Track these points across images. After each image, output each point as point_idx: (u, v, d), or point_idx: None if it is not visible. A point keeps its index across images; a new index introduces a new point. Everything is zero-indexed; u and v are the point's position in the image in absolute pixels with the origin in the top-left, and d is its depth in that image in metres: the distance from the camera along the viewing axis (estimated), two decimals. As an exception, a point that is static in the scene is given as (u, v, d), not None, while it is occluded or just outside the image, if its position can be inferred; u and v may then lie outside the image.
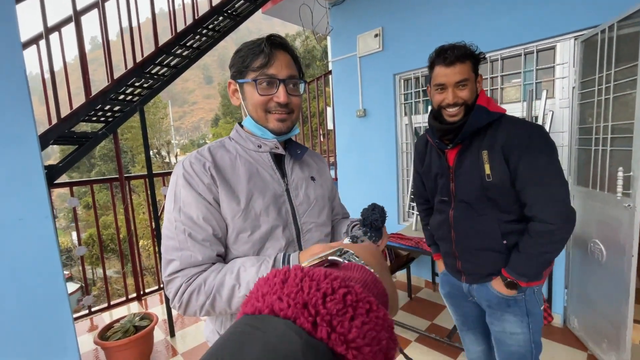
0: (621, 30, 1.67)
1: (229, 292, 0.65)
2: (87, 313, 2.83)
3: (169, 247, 0.69)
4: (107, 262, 14.48)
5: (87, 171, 24.34)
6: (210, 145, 0.79)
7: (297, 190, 0.81)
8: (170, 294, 0.68)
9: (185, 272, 0.67)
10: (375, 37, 3.03)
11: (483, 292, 1.19)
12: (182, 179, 0.71)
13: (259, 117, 0.76)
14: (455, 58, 1.02)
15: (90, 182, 2.78)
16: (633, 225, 1.59)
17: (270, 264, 0.67)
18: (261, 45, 0.72)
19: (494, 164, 1.06)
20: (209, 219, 0.70)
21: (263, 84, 0.72)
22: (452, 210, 1.18)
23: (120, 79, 2.21)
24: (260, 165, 0.79)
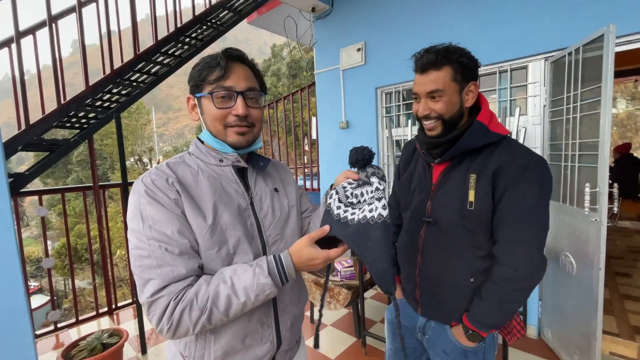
0: (587, 53, 1.76)
1: (226, 301, 0.64)
2: (53, 329, 2.67)
3: (145, 266, 0.64)
4: (82, 272, 13.84)
5: (63, 177, 23.41)
6: (168, 161, 0.76)
7: (261, 203, 0.80)
8: (154, 317, 0.63)
9: (171, 289, 0.63)
10: (358, 51, 3.09)
11: (440, 335, 1.03)
12: (146, 197, 0.67)
13: (217, 132, 0.75)
14: (429, 64, 0.89)
15: (62, 190, 2.66)
16: (600, 239, 1.65)
17: (265, 267, 0.67)
18: (217, 59, 0.71)
19: (480, 191, 0.90)
20: (184, 232, 0.67)
21: (220, 97, 0.71)
22: (424, 232, 1.02)
23: (96, 86, 2.15)
24: (224, 179, 0.77)
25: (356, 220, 0.70)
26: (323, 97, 3.53)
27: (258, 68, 0.79)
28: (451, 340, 1.00)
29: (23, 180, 2.01)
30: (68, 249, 2.77)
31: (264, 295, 0.67)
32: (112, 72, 2.23)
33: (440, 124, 0.92)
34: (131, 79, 2.44)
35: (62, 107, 2.04)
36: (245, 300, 0.65)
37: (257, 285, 0.65)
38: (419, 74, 0.92)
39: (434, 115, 0.92)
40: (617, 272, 3.16)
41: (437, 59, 0.88)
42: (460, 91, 0.91)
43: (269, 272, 0.67)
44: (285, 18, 3.64)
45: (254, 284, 0.65)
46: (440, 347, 1.03)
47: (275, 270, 0.68)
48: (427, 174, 1.04)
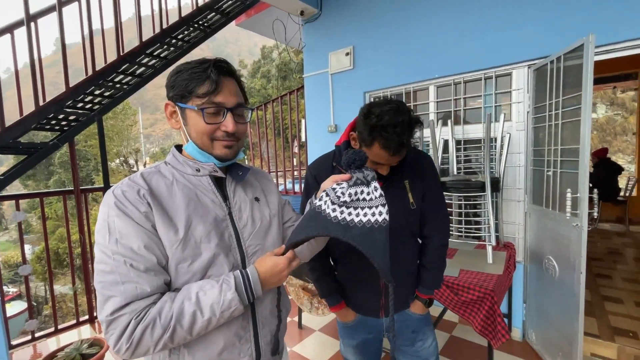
0: (567, 61, 1.81)
1: (190, 319, 0.62)
2: (31, 339, 2.57)
3: (106, 282, 0.62)
4: (64, 277, 13.41)
5: (45, 179, 22.70)
6: (144, 171, 0.75)
7: (240, 213, 0.79)
8: (113, 336, 0.60)
9: (132, 307, 0.61)
10: (347, 55, 3.10)
11: (406, 321, 1.20)
12: (115, 209, 0.65)
13: (203, 145, 0.73)
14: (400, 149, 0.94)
15: (40, 194, 2.57)
16: (581, 244, 1.69)
17: (232, 283, 0.66)
18: (207, 71, 0.69)
19: (415, 192, 1.11)
20: (152, 247, 0.65)
21: (210, 113, 0.70)
22: None
23: (76, 87, 2.09)
24: (200, 189, 0.75)
25: (356, 221, 0.71)
26: (312, 100, 3.53)
27: (242, 81, 0.80)
28: (415, 317, 1.20)
29: (-2, 185, 1.93)
30: (47, 255, 2.67)
31: (229, 312, 0.66)
32: (94, 73, 2.17)
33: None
34: (114, 80, 2.37)
35: (40, 109, 1.97)
36: (210, 316, 0.64)
37: (224, 301, 0.65)
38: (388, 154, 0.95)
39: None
40: (597, 274, 3.24)
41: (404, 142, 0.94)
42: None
43: (235, 287, 0.66)
44: (274, 21, 3.62)
45: (220, 300, 0.64)
46: (409, 330, 1.21)
47: (242, 286, 0.67)
48: None
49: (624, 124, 17.87)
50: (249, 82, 23.11)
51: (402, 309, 1.21)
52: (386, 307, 1.16)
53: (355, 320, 1.24)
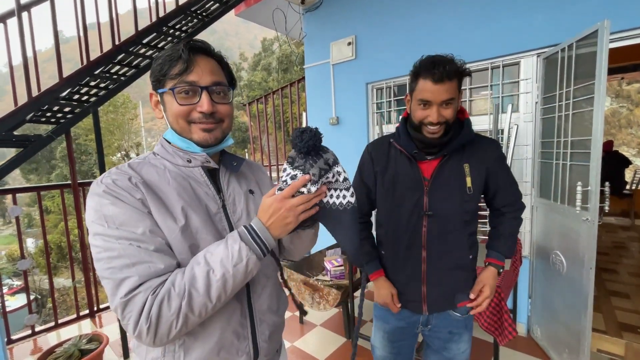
0: (580, 49, 1.73)
1: (205, 281, 0.59)
2: (31, 333, 2.55)
3: (116, 267, 0.57)
4: (67, 271, 13.51)
5: (47, 173, 22.74)
6: (131, 162, 0.69)
7: (234, 206, 0.75)
8: (131, 319, 0.56)
9: (148, 285, 0.57)
10: (349, 45, 3.02)
11: (445, 319, 1.15)
12: (107, 197, 0.60)
13: (181, 129, 0.69)
14: (446, 75, 0.94)
15: (37, 188, 2.53)
16: (591, 238, 1.64)
17: (236, 236, 0.62)
18: (179, 51, 0.65)
19: (475, 176, 1.06)
20: (156, 231, 0.61)
21: (182, 93, 0.66)
22: (425, 228, 1.08)
23: (70, 78, 2.03)
24: (193, 180, 0.71)
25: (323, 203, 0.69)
26: (313, 92, 3.45)
27: (226, 60, 0.74)
28: (454, 320, 1.14)
29: (-8, 179, 1.89)
30: (46, 250, 2.65)
31: (243, 266, 0.61)
32: (89, 63, 2.11)
33: (443, 127, 1.01)
34: (110, 71, 2.31)
35: (32, 100, 1.91)
36: (223, 272, 0.59)
37: (232, 254, 0.60)
38: (433, 82, 0.95)
39: (442, 121, 0.99)
40: (603, 269, 3.20)
41: (453, 71, 0.95)
42: (459, 99, 1.03)
43: (240, 238, 0.62)
44: (274, 10, 3.53)
45: (229, 254, 0.60)
46: (446, 330, 1.15)
47: (248, 236, 0.62)
48: (415, 171, 1.09)
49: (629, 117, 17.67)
50: (249, 75, 22.89)
51: (446, 308, 1.13)
52: (430, 302, 1.12)
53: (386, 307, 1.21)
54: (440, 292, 1.11)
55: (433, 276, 1.10)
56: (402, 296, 1.16)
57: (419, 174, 1.08)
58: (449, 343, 1.15)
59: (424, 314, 1.14)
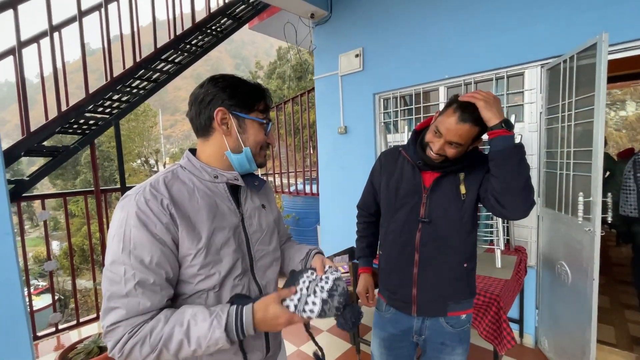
0: (581, 60, 1.75)
1: (177, 346, 0.64)
2: (55, 331, 2.72)
3: (113, 293, 0.64)
4: (88, 273, 14.03)
5: (72, 179, 23.80)
6: (165, 176, 0.75)
7: (251, 220, 0.82)
8: (109, 344, 0.64)
9: (130, 322, 0.63)
10: (356, 57, 3.10)
11: (438, 330, 1.16)
12: (135, 219, 0.65)
13: (255, 153, 0.80)
14: (469, 119, 0.96)
15: (63, 194, 2.72)
16: (593, 249, 1.63)
17: (223, 321, 0.65)
18: (264, 93, 0.80)
19: (469, 185, 1.08)
20: (162, 263, 0.66)
21: (268, 127, 0.82)
22: (419, 232, 1.12)
23: (95, 94, 2.20)
24: (218, 196, 0.77)
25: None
26: (322, 102, 3.55)
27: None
28: (447, 330, 1.15)
29: (24, 186, 2.07)
30: (70, 252, 2.82)
31: (215, 348, 0.66)
32: (112, 79, 2.28)
33: (443, 159, 1.06)
34: (131, 85, 2.48)
35: (62, 115, 2.09)
36: (195, 348, 0.65)
37: (211, 338, 0.64)
38: (455, 119, 0.97)
39: (442, 155, 1.03)
40: (619, 280, 3.11)
41: (479, 118, 0.95)
42: (471, 144, 1.04)
43: (225, 326, 0.65)
44: (285, 24, 3.67)
45: (208, 336, 0.64)
46: (439, 341, 1.16)
47: (233, 326, 0.66)
48: (417, 179, 1.14)
49: (656, 122, 16.90)
50: (265, 83, 23.32)
51: (437, 315, 1.15)
52: (419, 304, 1.15)
53: (379, 312, 1.28)
54: (430, 296, 1.13)
55: (424, 279, 1.13)
56: (394, 296, 1.20)
57: (419, 182, 1.13)
58: (441, 354, 1.16)
59: (413, 314, 1.16)
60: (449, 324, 1.14)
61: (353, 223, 1.41)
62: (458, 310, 1.14)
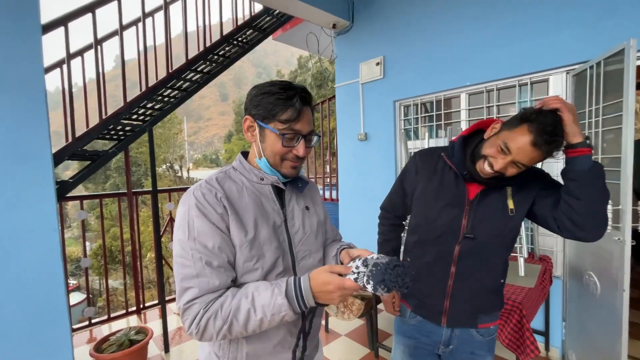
0: (608, 66, 1.72)
1: (245, 316, 0.68)
2: (88, 324, 2.89)
3: (185, 275, 0.71)
4: (115, 273, 14.63)
5: (102, 182, 25.06)
6: (217, 175, 0.82)
7: (293, 220, 0.86)
8: (187, 321, 0.70)
9: (204, 299, 0.70)
10: (377, 65, 3.16)
11: (468, 339, 1.11)
12: (196, 209, 0.73)
13: (275, 163, 0.80)
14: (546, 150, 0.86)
15: (100, 196, 2.91)
16: (623, 259, 1.58)
17: (283, 288, 0.69)
18: (293, 100, 0.75)
19: (519, 198, 1.01)
20: (223, 247, 0.73)
21: (289, 138, 0.77)
22: (459, 245, 1.05)
23: (132, 102, 2.37)
24: (263, 196, 0.82)
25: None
26: (342, 110, 3.62)
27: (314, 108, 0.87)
28: (477, 340, 1.11)
29: (67, 187, 2.24)
30: (103, 251, 3.01)
31: (280, 317, 0.68)
32: (147, 89, 2.45)
33: (496, 176, 0.96)
34: (163, 94, 2.65)
35: (103, 122, 2.27)
36: (262, 317, 0.68)
37: (274, 305, 0.68)
38: (531, 144, 0.86)
39: (500, 172, 0.94)
40: (656, 295, 2.93)
41: (552, 150, 0.87)
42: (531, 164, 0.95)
43: (286, 293, 0.68)
44: (307, 34, 3.79)
45: (271, 303, 0.68)
46: (468, 350, 1.12)
47: (293, 293, 0.69)
48: (460, 189, 1.06)
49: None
50: (285, 91, 23.66)
51: (468, 325, 1.10)
52: (450, 316, 1.09)
53: (405, 319, 1.21)
54: (463, 308, 1.09)
55: (459, 293, 1.08)
56: (422, 305, 1.15)
57: (463, 193, 1.05)
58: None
59: (442, 325, 1.11)
60: (479, 333, 1.11)
61: (373, 228, 1.35)
62: (488, 322, 1.11)
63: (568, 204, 0.91)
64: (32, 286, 1.71)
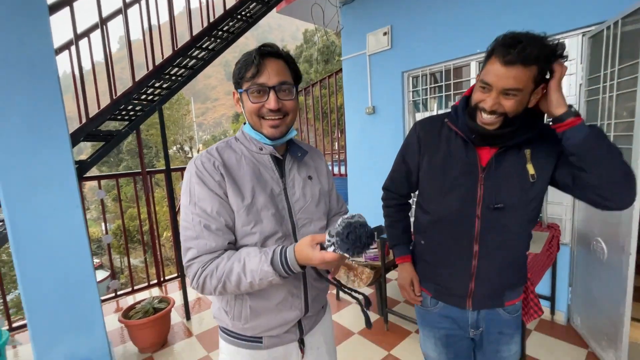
0: (625, 27, 1.65)
1: (237, 278, 0.74)
2: (114, 296, 3.10)
3: (187, 236, 0.78)
4: (134, 251, 15.28)
5: (116, 165, 25.60)
6: (218, 145, 0.87)
7: (293, 189, 0.89)
8: (189, 277, 0.78)
9: (201, 259, 0.76)
10: (384, 35, 3.07)
11: (495, 320, 1.04)
12: (195, 177, 0.79)
13: (254, 123, 0.83)
14: (520, 59, 0.76)
15: (116, 175, 3.01)
16: (631, 223, 1.59)
17: (269, 257, 0.74)
18: (252, 56, 0.77)
19: (540, 161, 0.91)
20: (221, 212, 0.78)
21: (254, 93, 0.79)
22: (479, 220, 0.95)
23: (141, 81, 2.40)
24: (262, 165, 0.86)
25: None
26: (349, 83, 3.57)
27: (293, 59, 0.84)
28: (505, 318, 1.04)
29: (86, 167, 2.33)
30: (123, 230, 3.15)
31: (267, 281, 0.74)
32: (154, 68, 2.46)
33: (501, 119, 0.85)
34: (170, 73, 2.66)
35: (114, 102, 2.31)
36: (251, 280, 0.74)
37: (261, 271, 0.73)
38: (501, 64, 0.78)
39: (499, 112, 0.83)
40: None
41: (531, 56, 0.76)
42: (532, 91, 0.83)
43: (271, 261, 0.73)
44: (312, 5, 3.67)
45: (259, 269, 0.73)
46: (496, 331, 1.05)
47: (278, 261, 0.74)
48: (471, 156, 0.95)
49: None
50: (291, 68, 23.15)
51: (495, 305, 1.03)
52: (475, 298, 1.01)
53: (427, 307, 1.12)
54: (489, 288, 1.01)
55: (484, 272, 0.99)
56: (443, 290, 1.07)
57: (474, 160, 0.95)
58: (499, 345, 1.06)
59: (468, 309, 1.04)
60: (505, 311, 1.04)
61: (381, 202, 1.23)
62: (514, 298, 1.04)
63: (581, 178, 0.84)
64: (63, 261, 1.83)
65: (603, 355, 1.85)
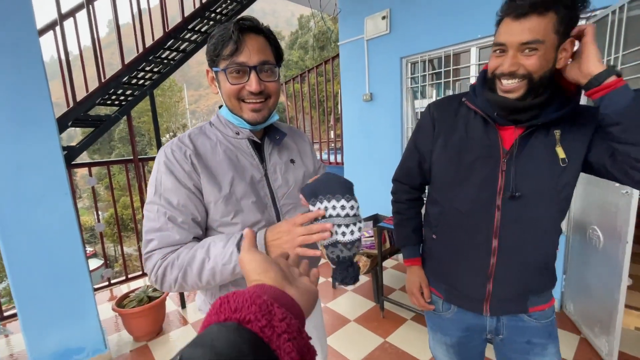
0: (632, 11, 1.61)
1: (199, 265, 0.68)
2: (107, 284, 3.06)
3: (150, 228, 0.72)
4: (128, 240, 15.20)
5: (108, 153, 25.23)
6: (191, 131, 0.80)
7: (275, 174, 0.83)
8: (147, 270, 0.72)
9: (162, 251, 0.71)
10: (383, 19, 2.99)
11: (518, 324, 0.91)
12: (164, 166, 0.73)
13: (233, 106, 0.76)
14: (531, 6, 0.67)
15: (107, 162, 2.93)
16: (629, 212, 1.59)
17: (237, 239, 0.68)
18: (230, 31, 0.68)
19: (570, 143, 0.79)
20: (188, 205, 0.73)
21: (233, 73, 0.71)
22: (499, 211, 0.84)
23: (130, 64, 2.30)
24: (240, 151, 0.80)
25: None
26: (347, 69, 3.49)
27: (274, 35, 0.76)
28: (532, 325, 0.90)
29: (75, 153, 2.26)
30: (116, 218, 3.09)
31: (230, 267, 0.66)
32: (144, 50, 2.37)
33: (525, 84, 0.73)
34: (162, 56, 2.57)
35: (103, 85, 2.22)
36: (213, 266, 0.67)
37: (225, 254, 0.67)
38: (513, 18, 0.70)
39: (521, 74, 0.72)
40: (657, 250, 2.98)
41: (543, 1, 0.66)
42: (558, 47, 0.71)
43: (237, 242, 0.67)
44: (308, -13, 3.56)
45: (223, 252, 0.67)
46: (523, 340, 0.91)
47: None
48: (492, 137, 0.84)
49: None
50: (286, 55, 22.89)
51: (517, 311, 0.89)
52: (494, 302, 0.89)
53: (440, 312, 1.00)
54: (509, 292, 0.88)
55: (504, 272, 0.86)
56: (457, 293, 0.94)
57: (496, 142, 0.83)
58: (530, 356, 0.90)
59: (485, 314, 0.91)
60: (532, 318, 0.90)
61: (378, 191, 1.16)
62: (540, 305, 0.89)
63: (623, 153, 0.70)
64: (53, 249, 1.79)
65: (595, 341, 1.89)
